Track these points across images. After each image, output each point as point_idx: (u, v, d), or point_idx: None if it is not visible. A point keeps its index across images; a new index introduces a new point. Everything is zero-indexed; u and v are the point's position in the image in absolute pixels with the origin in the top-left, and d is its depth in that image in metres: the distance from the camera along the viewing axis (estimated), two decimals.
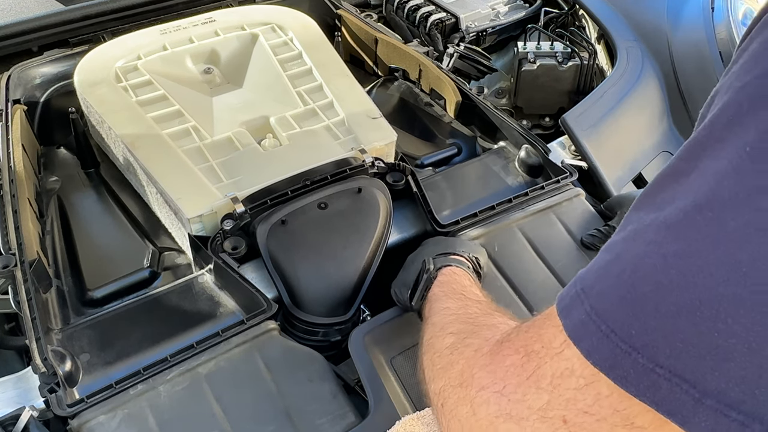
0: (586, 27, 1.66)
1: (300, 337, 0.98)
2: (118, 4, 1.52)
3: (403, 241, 1.12)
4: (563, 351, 0.40)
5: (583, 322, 0.38)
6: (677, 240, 0.35)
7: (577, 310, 0.39)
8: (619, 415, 0.38)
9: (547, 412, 0.41)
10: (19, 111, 1.29)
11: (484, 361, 0.48)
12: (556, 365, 0.41)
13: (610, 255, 0.40)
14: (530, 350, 0.43)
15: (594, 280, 0.39)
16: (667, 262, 0.35)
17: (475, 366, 0.48)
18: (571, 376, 0.40)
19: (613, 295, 0.38)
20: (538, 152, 1.22)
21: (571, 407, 0.40)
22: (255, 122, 1.23)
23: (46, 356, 0.85)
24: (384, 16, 1.82)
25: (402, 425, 0.81)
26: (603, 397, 0.38)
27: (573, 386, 0.40)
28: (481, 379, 0.46)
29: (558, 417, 0.40)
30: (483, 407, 0.45)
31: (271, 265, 1.00)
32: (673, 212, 0.36)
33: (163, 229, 1.19)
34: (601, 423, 0.38)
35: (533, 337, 0.44)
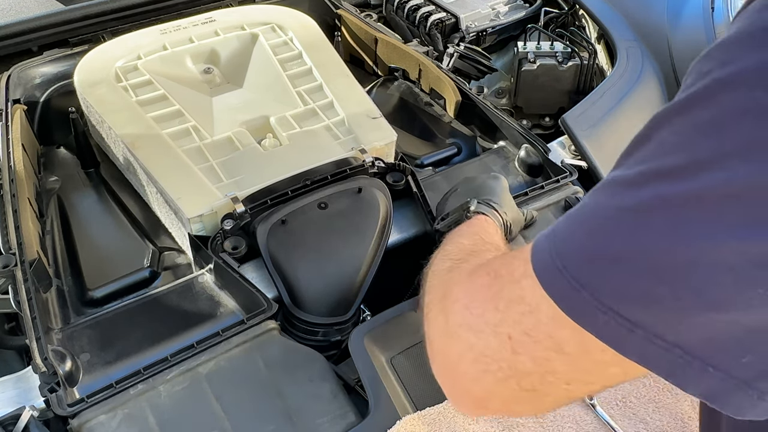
0: (586, 27, 1.65)
1: (300, 337, 0.98)
2: (118, 4, 1.52)
3: (403, 241, 1.12)
4: (521, 281, 0.47)
5: (544, 258, 0.45)
6: (632, 197, 0.41)
7: (545, 250, 0.45)
8: (551, 340, 0.45)
9: (497, 328, 0.48)
10: (19, 111, 1.29)
11: (462, 278, 0.55)
12: (512, 291, 0.48)
13: (581, 204, 0.46)
14: (498, 274, 0.50)
15: (563, 226, 0.46)
16: (621, 215, 0.41)
17: (456, 283, 0.55)
18: (521, 302, 0.46)
19: (570, 236, 0.44)
20: (538, 152, 1.22)
21: (516, 327, 0.46)
22: (255, 122, 1.23)
23: (46, 356, 0.85)
24: (384, 16, 1.82)
25: (402, 425, 0.81)
26: (542, 323, 0.45)
27: (520, 311, 0.46)
28: (457, 294, 0.53)
29: (505, 333, 0.47)
30: (452, 316, 0.52)
31: (271, 264, 1.00)
32: (634, 173, 0.42)
33: (163, 229, 1.19)
34: (536, 344, 0.45)
35: (504, 264, 0.51)
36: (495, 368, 0.48)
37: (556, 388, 0.47)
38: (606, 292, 0.41)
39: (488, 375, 0.49)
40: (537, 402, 0.49)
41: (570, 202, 1.13)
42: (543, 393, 0.47)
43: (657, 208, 0.39)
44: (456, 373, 0.52)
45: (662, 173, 0.40)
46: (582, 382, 0.46)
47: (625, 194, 0.41)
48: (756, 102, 0.36)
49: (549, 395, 0.48)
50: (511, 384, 0.48)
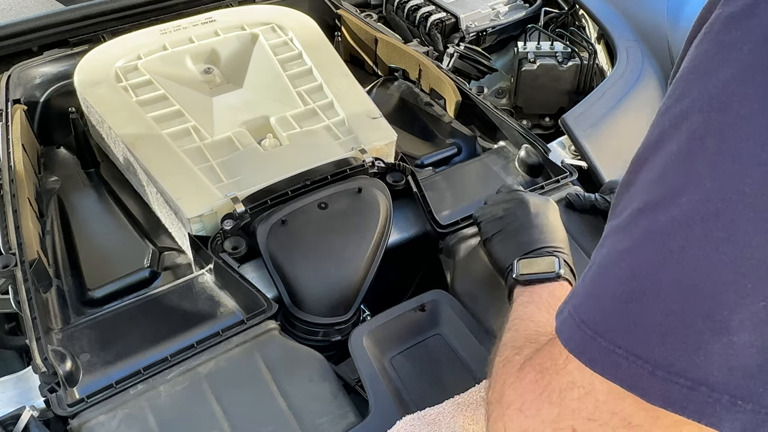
0: (586, 27, 1.66)
1: (300, 337, 0.98)
2: (118, 4, 1.52)
3: (403, 241, 1.12)
4: (566, 366, 0.45)
5: (565, 319, 0.45)
6: (624, 239, 0.42)
7: (569, 321, 0.45)
8: (617, 417, 0.42)
9: (558, 423, 0.45)
10: (19, 111, 1.29)
11: (512, 379, 0.52)
12: (562, 379, 0.46)
13: (589, 264, 0.46)
14: (543, 368, 0.48)
15: (578, 290, 0.46)
16: (619, 257, 0.42)
17: (505, 383, 0.53)
18: (573, 387, 0.44)
19: (584, 292, 0.44)
20: (538, 152, 1.22)
21: (577, 416, 0.44)
22: (255, 122, 1.23)
23: (46, 356, 0.85)
24: (384, 16, 1.82)
25: (402, 425, 0.81)
26: (601, 402, 0.43)
27: (576, 397, 0.44)
28: (508, 397, 0.51)
29: (568, 427, 0.45)
30: (510, 425, 0.50)
31: (271, 265, 1.00)
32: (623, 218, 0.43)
33: (163, 229, 1.19)
34: (604, 427, 0.43)
35: (546, 354, 0.49)
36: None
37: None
38: (621, 334, 0.40)
39: None
40: None
41: (571, 200, 1.12)
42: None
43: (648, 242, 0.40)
44: None
45: (646, 209, 0.41)
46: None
47: (619, 239, 0.43)
48: (713, 122, 0.39)
49: None
50: None
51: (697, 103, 0.40)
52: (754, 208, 0.36)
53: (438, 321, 0.94)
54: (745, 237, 0.36)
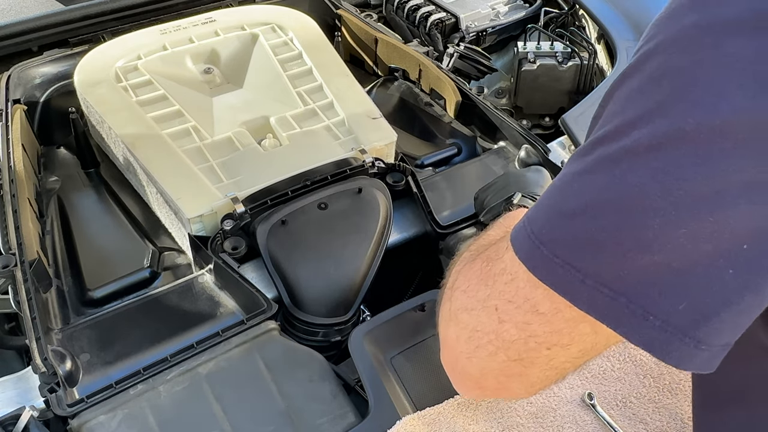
0: (586, 27, 1.65)
1: (300, 338, 0.98)
2: (118, 4, 1.52)
3: (403, 241, 1.12)
4: (503, 255, 0.51)
5: (519, 228, 0.50)
6: (580, 163, 0.46)
7: (521, 223, 0.50)
8: (528, 303, 0.49)
9: (486, 302, 0.52)
10: (19, 111, 1.29)
11: (464, 268, 0.58)
12: (497, 265, 0.52)
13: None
14: (489, 257, 0.54)
15: (537, 201, 0.51)
16: (572, 178, 0.47)
17: (459, 273, 0.58)
18: (504, 273, 0.51)
19: (539, 206, 0.49)
20: (538, 152, 1.22)
21: (501, 297, 0.51)
22: (255, 122, 1.23)
23: (46, 356, 0.85)
24: (384, 16, 1.82)
25: (402, 425, 0.81)
26: (520, 288, 0.49)
27: (504, 281, 0.51)
28: (458, 282, 0.57)
29: (492, 306, 0.51)
30: (454, 302, 0.56)
31: (271, 265, 1.00)
32: (584, 145, 0.48)
33: (163, 229, 1.19)
34: (517, 309, 0.49)
35: (494, 248, 0.55)
36: (485, 341, 0.52)
37: (538, 355, 0.50)
38: (561, 245, 0.45)
39: (480, 350, 0.52)
40: (525, 376, 0.52)
41: None
42: (528, 362, 0.51)
43: (598, 166, 0.45)
44: (455, 355, 0.56)
45: (603, 138, 0.45)
46: (559, 345, 0.49)
47: (577, 162, 0.47)
48: (671, 64, 0.43)
49: (534, 365, 0.51)
50: (500, 356, 0.51)
51: (661, 45, 0.44)
52: (692, 144, 0.40)
53: None
54: (678, 170, 0.41)
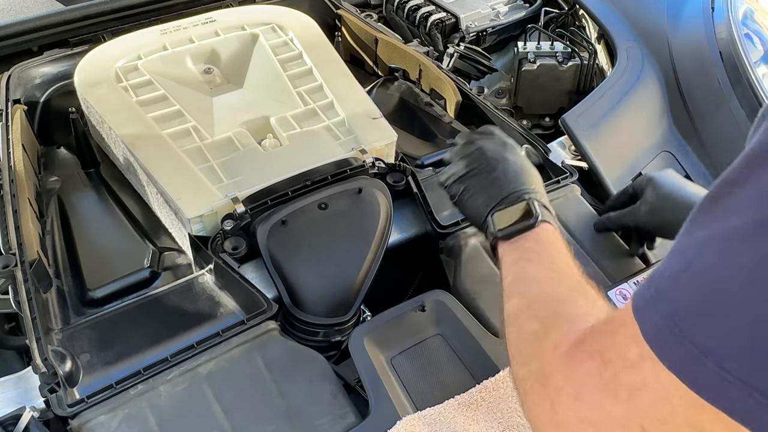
0: (586, 27, 1.65)
1: (300, 338, 0.98)
2: (118, 4, 1.52)
3: (403, 241, 1.12)
4: (640, 364, 0.42)
5: (658, 327, 0.40)
6: (746, 251, 0.37)
7: (653, 315, 0.41)
8: (693, 426, 0.40)
9: (626, 420, 0.43)
10: (19, 111, 1.29)
11: (561, 361, 0.49)
12: (633, 377, 0.42)
13: (683, 263, 0.41)
14: (606, 358, 0.45)
15: (669, 287, 0.41)
16: (739, 273, 0.37)
17: (553, 366, 0.49)
18: (646, 389, 0.41)
19: (688, 301, 0.39)
20: (538, 152, 1.22)
21: (647, 416, 0.41)
22: (255, 122, 1.23)
23: (46, 356, 0.85)
24: (384, 16, 1.82)
25: (403, 425, 0.81)
26: (676, 409, 0.40)
27: (648, 399, 0.41)
28: (559, 382, 0.48)
29: (637, 425, 0.42)
30: (563, 410, 0.47)
31: (272, 265, 1.00)
32: (740, 225, 0.38)
33: (164, 229, 1.19)
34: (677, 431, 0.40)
35: (608, 344, 0.45)
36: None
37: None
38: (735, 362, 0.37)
39: None
40: None
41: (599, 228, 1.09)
42: None
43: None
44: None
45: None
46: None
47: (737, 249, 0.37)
48: None
49: None
50: None
51: None
52: None
53: (438, 321, 0.94)
54: None
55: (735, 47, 1.38)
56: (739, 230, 0.38)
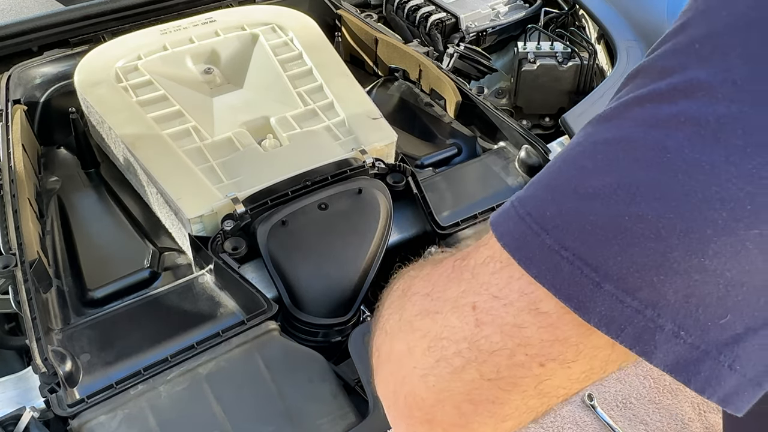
0: (586, 27, 1.65)
1: (300, 338, 0.98)
2: (118, 4, 1.52)
3: (403, 241, 1.12)
4: (488, 242, 0.39)
5: (505, 210, 0.38)
6: (610, 129, 0.35)
7: (508, 205, 0.38)
8: (525, 298, 0.36)
9: (459, 300, 0.39)
10: (19, 111, 1.29)
11: (426, 271, 0.45)
12: (480, 254, 0.40)
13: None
14: (466, 253, 0.42)
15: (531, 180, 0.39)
16: (595, 148, 0.35)
17: (417, 277, 0.46)
18: (490, 262, 0.38)
19: (539, 183, 0.37)
20: (538, 152, 1.22)
21: (482, 292, 0.38)
22: (255, 122, 1.23)
23: (46, 356, 0.85)
24: (384, 16, 1.82)
25: None
26: (513, 279, 0.37)
27: (489, 271, 0.38)
28: (417, 286, 0.44)
29: (468, 304, 0.39)
30: (407, 309, 0.43)
31: (272, 265, 1.00)
32: (612, 106, 0.36)
33: (164, 229, 1.19)
34: (507, 307, 0.37)
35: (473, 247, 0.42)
36: (452, 352, 0.39)
37: (526, 373, 0.37)
38: (572, 234, 0.34)
39: (442, 365, 0.39)
40: (499, 404, 0.39)
41: None
42: (509, 383, 0.38)
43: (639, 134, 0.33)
44: (401, 374, 0.43)
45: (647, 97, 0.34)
46: (559, 360, 0.36)
47: (601, 128, 0.36)
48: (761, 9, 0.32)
49: (516, 387, 0.38)
50: (471, 373, 0.38)
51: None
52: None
53: None
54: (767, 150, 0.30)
55: None
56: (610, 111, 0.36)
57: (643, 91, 0.35)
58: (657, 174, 0.32)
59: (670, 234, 0.32)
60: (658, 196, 0.32)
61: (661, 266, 0.32)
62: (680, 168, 0.32)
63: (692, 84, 0.33)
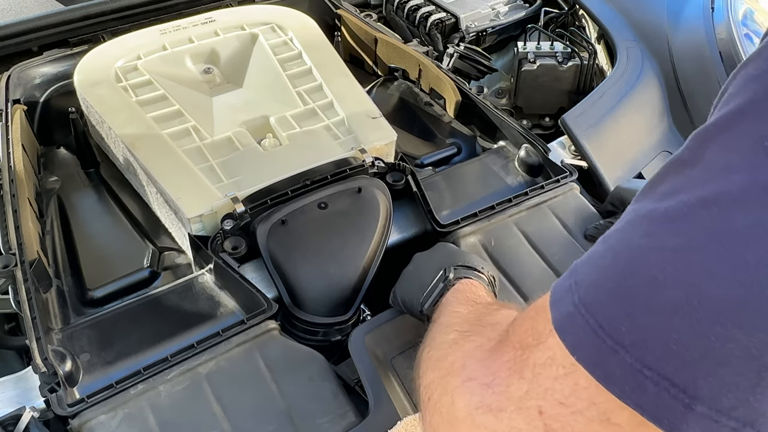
0: (586, 27, 1.66)
1: (300, 337, 0.98)
2: (118, 4, 1.52)
3: (403, 240, 1.12)
4: (547, 340, 0.38)
5: (570, 314, 0.36)
6: (678, 235, 0.33)
7: (567, 301, 0.37)
8: (595, 408, 0.36)
9: (524, 401, 0.39)
10: (19, 111, 1.29)
11: (483, 355, 0.45)
12: (540, 354, 0.39)
13: (604, 246, 0.38)
14: (525, 344, 0.41)
15: (585, 272, 0.37)
16: (664, 257, 0.33)
17: (471, 359, 0.46)
18: (552, 365, 0.38)
19: (604, 287, 0.36)
20: (538, 152, 1.22)
21: (548, 397, 0.37)
22: (255, 122, 1.23)
23: (46, 356, 0.85)
24: (384, 16, 1.82)
25: (403, 425, 0.81)
26: (581, 388, 0.36)
27: (552, 375, 0.37)
28: (473, 372, 0.44)
29: (534, 407, 0.38)
30: (464, 397, 0.43)
31: (271, 265, 1.00)
32: (675, 205, 0.34)
33: (163, 229, 1.19)
34: (576, 416, 0.36)
35: (527, 330, 0.41)
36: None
37: None
38: (654, 355, 0.32)
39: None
40: None
41: (591, 234, 1.08)
42: None
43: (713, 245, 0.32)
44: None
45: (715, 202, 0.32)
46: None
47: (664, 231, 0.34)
48: None
49: None
50: None
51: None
52: None
53: None
54: None
55: (735, 47, 1.38)
56: (673, 211, 0.34)
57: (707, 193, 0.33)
58: (741, 291, 0.30)
59: (762, 353, 0.30)
60: (746, 316, 0.30)
61: (758, 385, 0.31)
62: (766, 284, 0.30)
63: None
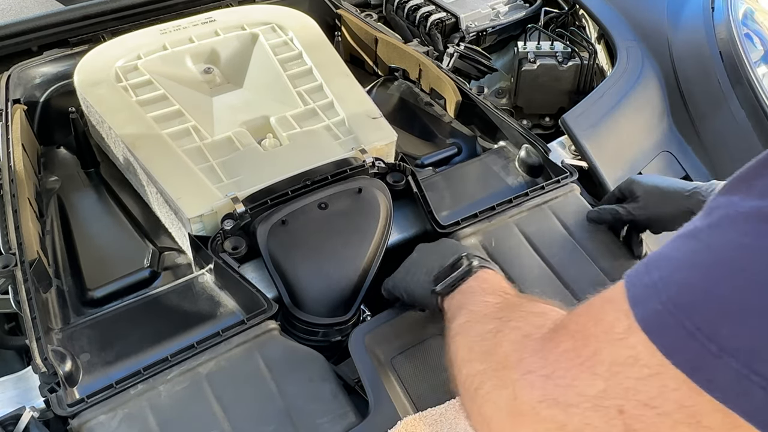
0: (586, 27, 1.65)
1: (300, 337, 0.98)
2: (118, 4, 1.52)
3: (403, 241, 1.12)
4: (627, 338, 0.37)
5: (658, 313, 0.35)
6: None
7: (652, 300, 0.36)
8: (685, 411, 0.35)
9: (602, 400, 0.38)
10: (19, 111, 1.29)
11: (536, 346, 0.44)
12: (618, 352, 0.37)
13: (695, 243, 0.36)
14: (587, 335, 0.40)
15: (673, 269, 0.36)
16: (763, 255, 0.32)
17: (525, 351, 0.45)
18: (635, 364, 0.36)
19: (700, 287, 0.34)
20: (538, 152, 1.22)
21: (630, 397, 0.37)
22: (255, 122, 1.23)
23: (46, 356, 0.85)
24: (384, 16, 1.82)
25: (403, 425, 0.81)
26: (669, 390, 0.35)
27: (635, 375, 0.36)
28: (530, 364, 0.43)
29: (614, 407, 0.37)
30: (526, 390, 0.42)
31: (272, 265, 1.00)
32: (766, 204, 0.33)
33: (163, 229, 1.19)
34: (663, 418, 0.35)
35: (590, 321, 0.40)
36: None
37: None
38: (764, 359, 0.32)
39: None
40: None
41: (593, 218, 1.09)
42: None
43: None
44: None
45: None
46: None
47: (764, 229, 0.32)
48: None
49: None
50: None
51: None
52: None
53: (438, 321, 0.94)
54: None
55: (735, 47, 1.38)
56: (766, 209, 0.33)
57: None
58: None
59: None
60: None
61: None
62: None
63: None
